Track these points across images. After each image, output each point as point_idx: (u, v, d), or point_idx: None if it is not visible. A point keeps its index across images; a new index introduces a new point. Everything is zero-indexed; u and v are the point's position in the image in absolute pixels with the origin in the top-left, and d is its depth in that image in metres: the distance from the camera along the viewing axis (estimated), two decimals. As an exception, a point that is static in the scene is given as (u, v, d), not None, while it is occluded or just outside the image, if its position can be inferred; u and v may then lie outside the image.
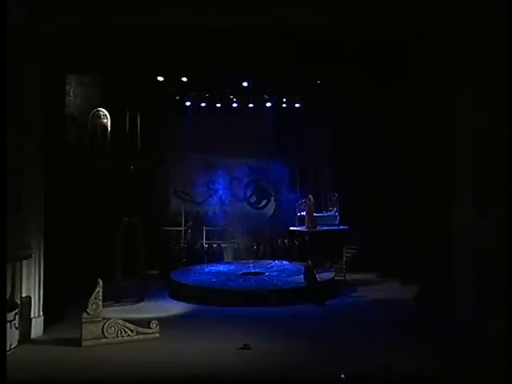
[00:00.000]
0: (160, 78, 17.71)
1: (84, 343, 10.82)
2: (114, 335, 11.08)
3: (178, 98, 20.16)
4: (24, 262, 11.31)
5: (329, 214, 18.78)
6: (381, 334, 11.50)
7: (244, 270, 17.42)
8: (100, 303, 11.26)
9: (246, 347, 10.47)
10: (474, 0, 11.37)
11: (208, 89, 19.76)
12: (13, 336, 10.46)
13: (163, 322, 12.15)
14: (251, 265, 18.03)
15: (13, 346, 10.44)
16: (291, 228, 19.00)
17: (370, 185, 19.11)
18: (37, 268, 11.61)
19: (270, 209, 21.31)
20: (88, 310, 11.02)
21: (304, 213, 18.32)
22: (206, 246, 19.98)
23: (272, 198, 21.29)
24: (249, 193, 21.25)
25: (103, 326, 11.02)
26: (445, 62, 12.16)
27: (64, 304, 12.47)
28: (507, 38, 10.50)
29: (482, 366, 9.20)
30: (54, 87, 12.58)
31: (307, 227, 18.17)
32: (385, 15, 11.77)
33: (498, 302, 10.46)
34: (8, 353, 9.51)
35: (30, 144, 11.44)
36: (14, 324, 10.61)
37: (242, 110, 20.59)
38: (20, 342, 10.83)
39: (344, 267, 17.83)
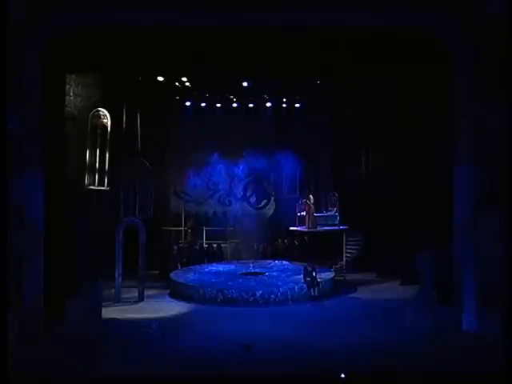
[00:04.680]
0: (160, 78, 17.72)
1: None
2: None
3: (177, 98, 20.17)
4: (24, 261, 11.30)
5: (329, 213, 18.79)
6: (381, 334, 11.49)
7: (244, 270, 17.42)
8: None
9: (246, 347, 10.47)
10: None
11: (208, 89, 19.76)
12: (13, 335, 10.43)
13: (163, 321, 12.17)
14: (251, 265, 18.02)
15: (13, 346, 10.42)
16: (291, 228, 19.03)
17: (371, 184, 19.14)
18: (37, 268, 11.60)
19: (270, 209, 21.29)
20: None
21: (304, 213, 18.34)
22: (206, 246, 19.99)
23: (272, 198, 21.28)
24: (249, 193, 21.24)
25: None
26: (445, 61, 12.14)
27: (64, 304, 12.46)
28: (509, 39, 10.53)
29: (483, 366, 9.20)
30: (54, 87, 12.57)
31: (307, 227, 18.20)
32: (384, 15, 11.76)
33: (499, 302, 10.46)
34: (8, 352, 9.48)
35: (31, 144, 11.43)
36: (14, 323, 10.59)
37: (242, 109, 20.62)
38: (20, 341, 10.81)
39: (344, 267, 17.83)
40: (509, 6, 10.47)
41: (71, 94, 15.64)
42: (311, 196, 18.35)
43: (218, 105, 20.59)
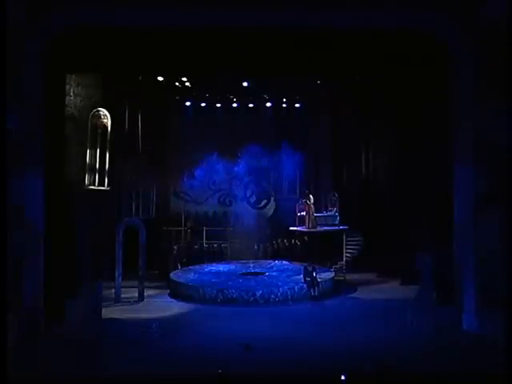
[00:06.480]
0: (160, 78, 17.72)
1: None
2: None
3: (177, 98, 20.17)
4: (24, 261, 11.31)
5: (329, 213, 18.80)
6: (381, 334, 11.50)
7: (244, 270, 17.44)
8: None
9: (246, 347, 10.47)
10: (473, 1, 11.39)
11: (208, 89, 19.77)
12: (13, 335, 10.44)
13: (163, 321, 12.16)
14: (251, 265, 18.05)
15: (13, 346, 10.42)
16: (291, 228, 19.03)
17: (371, 184, 19.14)
18: (37, 268, 11.60)
19: (270, 209, 21.29)
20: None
21: (304, 213, 18.35)
22: (206, 246, 19.99)
23: (272, 198, 21.29)
24: (249, 193, 21.24)
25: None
26: (445, 62, 12.15)
27: (64, 304, 12.47)
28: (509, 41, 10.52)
29: (483, 366, 9.20)
30: (54, 87, 12.57)
31: (307, 227, 18.20)
32: (384, 16, 11.77)
33: (499, 302, 10.46)
34: (8, 352, 9.49)
35: (31, 144, 11.44)
36: (14, 323, 10.59)
37: (242, 109, 20.64)
38: (20, 341, 10.82)
39: (344, 267, 17.83)
40: (509, 8, 10.46)
41: (71, 94, 15.60)
42: (311, 196, 18.36)
43: (218, 105, 20.63)
